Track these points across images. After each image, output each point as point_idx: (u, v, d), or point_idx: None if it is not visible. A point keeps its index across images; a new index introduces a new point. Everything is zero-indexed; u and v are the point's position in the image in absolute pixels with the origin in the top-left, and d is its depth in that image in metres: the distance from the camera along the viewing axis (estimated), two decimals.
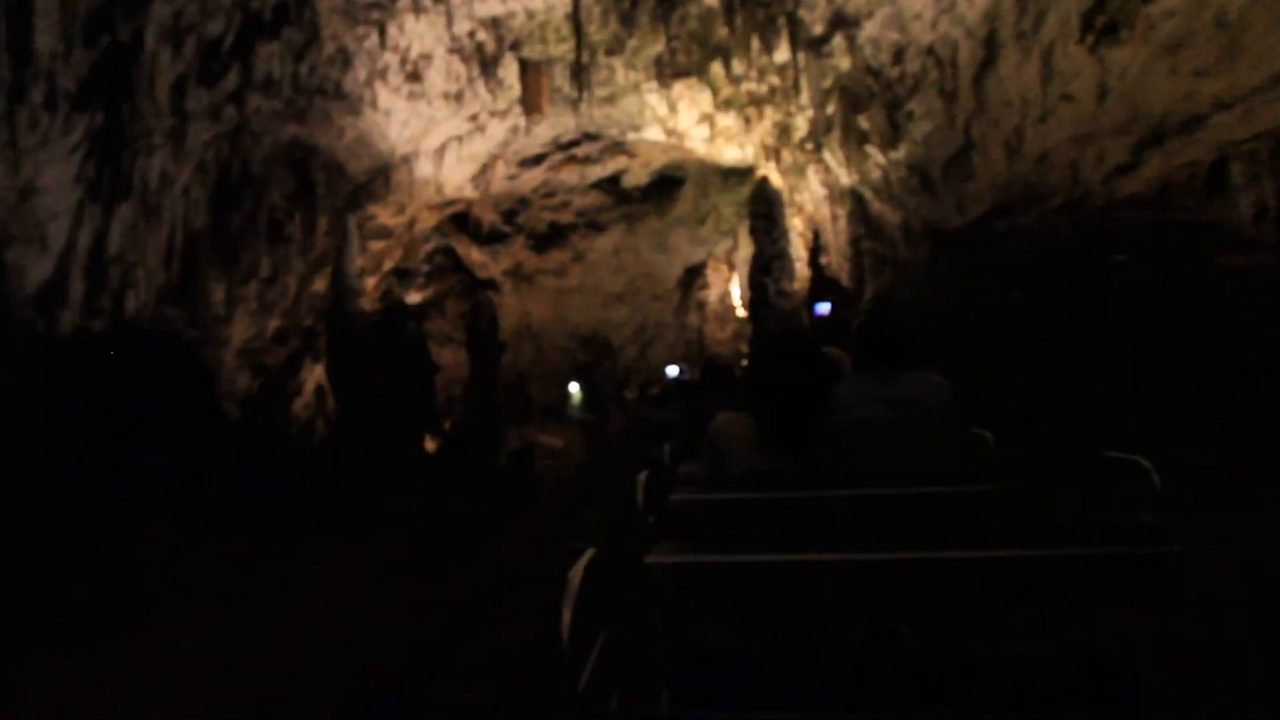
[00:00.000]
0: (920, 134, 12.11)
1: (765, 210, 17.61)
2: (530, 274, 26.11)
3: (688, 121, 18.50)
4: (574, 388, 32.94)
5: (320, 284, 18.21)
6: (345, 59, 11.71)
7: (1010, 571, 1.09)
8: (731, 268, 25.90)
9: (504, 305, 26.57)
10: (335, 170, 14.90)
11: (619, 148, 21.55)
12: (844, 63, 11.67)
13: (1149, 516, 1.17)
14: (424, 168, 16.67)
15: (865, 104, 11.89)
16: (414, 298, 25.46)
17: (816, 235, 17.15)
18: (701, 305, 25.35)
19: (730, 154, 20.27)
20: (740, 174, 24.58)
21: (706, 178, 24.75)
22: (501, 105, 15.90)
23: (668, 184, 24.89)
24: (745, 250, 29.47)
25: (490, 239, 24.69)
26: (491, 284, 25.94)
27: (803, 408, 1.62)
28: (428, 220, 21.50)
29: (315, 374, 19.19)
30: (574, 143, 20.66)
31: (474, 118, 15.97)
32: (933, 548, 1.12)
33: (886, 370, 1.96)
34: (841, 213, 15.42)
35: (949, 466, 1.78)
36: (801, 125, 14.97)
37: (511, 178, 21.45)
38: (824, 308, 14.71)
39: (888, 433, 1.81)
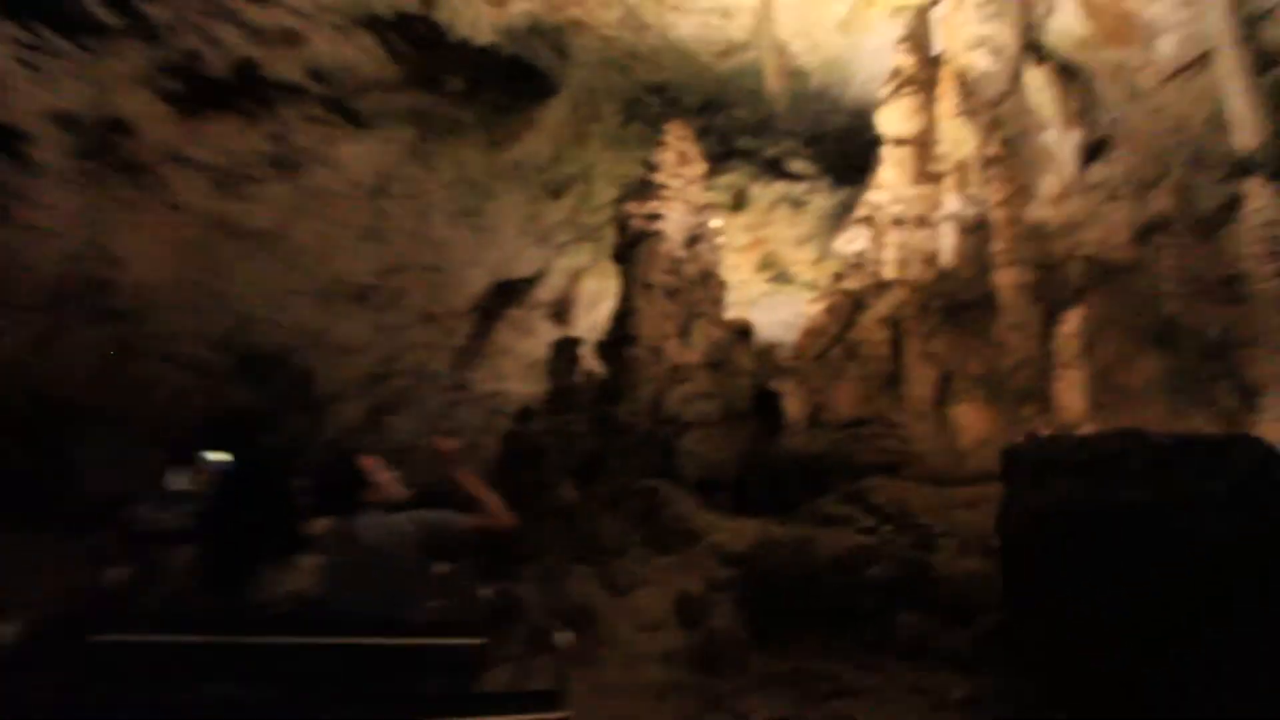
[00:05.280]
0: None
1: None
2: (145, 162, 10.40)
3: None
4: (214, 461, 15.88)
5: None
6: None
7: None
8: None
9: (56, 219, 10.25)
10: None
11: None
12: None
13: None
14: None
15: None
16: None
17: None
18: (644, 253, 10.09)
19: None
20: (662, 100, 12.90)
21: (602, 87, 12.57)
22: None
23: (523, 78, 12.14)
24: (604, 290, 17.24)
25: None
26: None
27: (255, 544, 1.41)
28: None
29: None
30: None
31: None
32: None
33: (346, 514, 1.69)
34: None
35: (417, 615, 1.61)
36: None
37: None
38: None
39: (351, 575, 1.55)
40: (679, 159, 9.09)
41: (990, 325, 6.74)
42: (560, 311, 17.03)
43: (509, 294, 15.66)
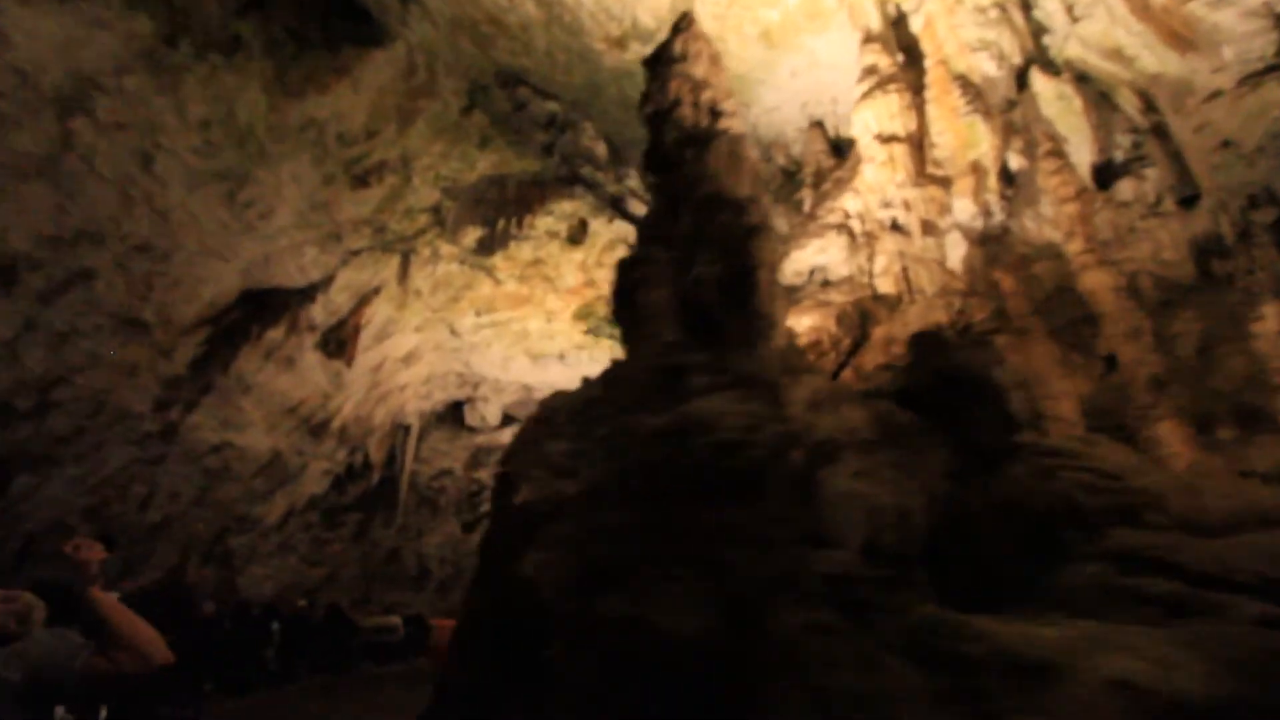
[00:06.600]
0: None
1: None
2: None
3: None
4: None
5: None
6: None
7: None
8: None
9: None
10: None
11: None
12: None
13: None
14: None
15: None
16: None
17: None
18: (725, 151, 5.81)
19: None
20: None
21: (447, 56, 9.65)
22: None
23: (342, 12, 8.86)
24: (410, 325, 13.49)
25: None
26: None
27: None
28: None
29: None
30: None
31: None
32: None
33: None
34: None
35: None
36: None
37: None
38: None
39: None
40: (712, 62, 6.14)
41: (1084, 335, 5.62)
42: (336, 342, 12.91)
43: (266, 307, 11.32)
